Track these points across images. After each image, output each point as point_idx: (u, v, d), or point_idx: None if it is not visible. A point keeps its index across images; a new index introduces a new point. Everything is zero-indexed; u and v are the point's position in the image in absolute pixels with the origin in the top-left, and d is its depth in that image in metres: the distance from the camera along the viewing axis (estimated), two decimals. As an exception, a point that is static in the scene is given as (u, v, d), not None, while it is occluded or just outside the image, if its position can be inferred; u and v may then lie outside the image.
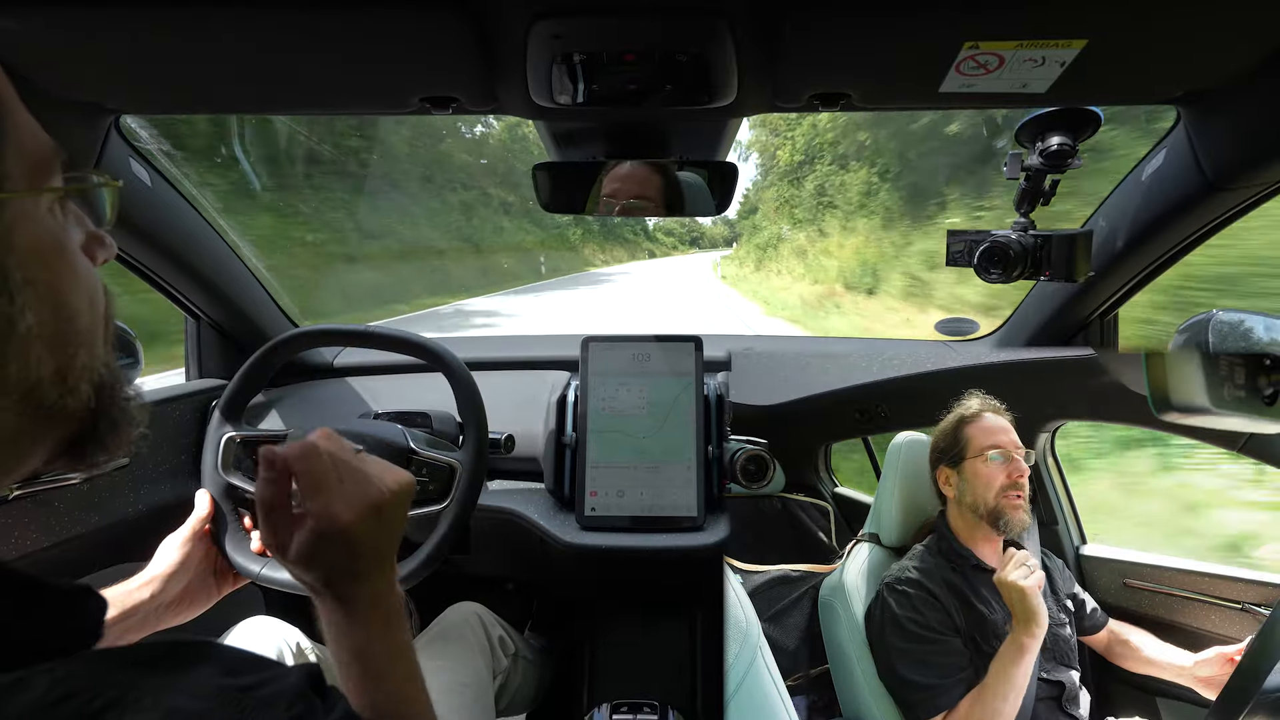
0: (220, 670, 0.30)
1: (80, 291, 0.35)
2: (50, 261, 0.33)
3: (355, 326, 0.95)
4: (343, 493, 0.51)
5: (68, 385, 0.34)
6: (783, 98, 0.78)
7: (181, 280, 1.13)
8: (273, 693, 0.31)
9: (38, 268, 0.32)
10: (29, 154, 0.33)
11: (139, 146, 0.96)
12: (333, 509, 0.50)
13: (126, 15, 0.62)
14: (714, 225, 54.95)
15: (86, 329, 0.35)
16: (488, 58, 0.70)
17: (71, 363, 0.34)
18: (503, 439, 1.02)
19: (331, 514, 0.49)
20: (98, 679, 0.27)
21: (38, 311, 0.32)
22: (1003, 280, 0.89)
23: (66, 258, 0.35)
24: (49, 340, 0.32)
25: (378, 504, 0.52)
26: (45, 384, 0.33)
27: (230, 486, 0.89)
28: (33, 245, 0.32)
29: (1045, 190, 0.87)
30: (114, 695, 0.26)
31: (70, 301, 0.34)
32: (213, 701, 0.29)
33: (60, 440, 0.36)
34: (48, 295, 0.32)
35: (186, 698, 0.28)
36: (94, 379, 0.36)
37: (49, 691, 0.26)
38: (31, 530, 0.87)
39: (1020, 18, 0.61)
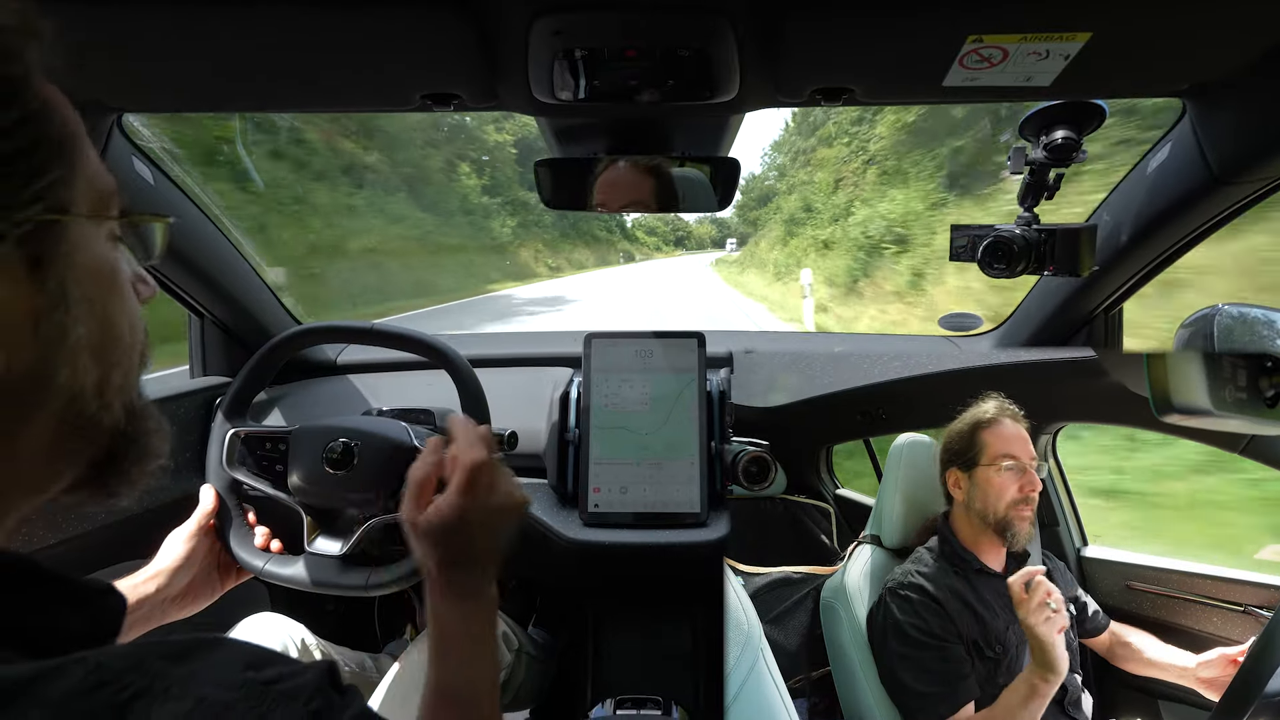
0: (244, 664, 0.32)
1: (124, 316, 0.39)
2: (103, 283, 0.37)
3: (359, 324, 0.95)
4: (486, 497, 0.58)
5: (104, 400, 0.37)
6: (785, 93, 0.78)
7: (185, 278, 1.13)
8: (294, 686, 0.32)
9: (93, 287, 0.36)
10: (94, 187, 0.37)
11: (141, 144, 0.96)
12: (472, 507, 0.57)
13: (128, 13, 0.62)
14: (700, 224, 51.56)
15: (127, 349, 0.39)
16: (489, 54, 0.70)
17: (110, 377, 0.37)
18: (505, 435, 1.02)
19: (470, 510, 0.57)
20: (129, 669, 0.28)
21: (88, 325, 0.35)
22: (1006, 275, 0.89)
23: (117, 283, 0.39)
24: (94, 352, 0.36)
25: (506, 514, 0.61)
26: (87, 394, 0.36)
27: (235, 482, 0.90)
28: (90, 266, 0.36)
29: (1049, 184, 0.87)
30: (144, 685, 0.28)
31: (117, 322, 0.38)
32: (238, 692, 0.30)
33: (88, 462, 0.38)
34: (99, 312, 0.36)
35: (213, 688, 0.29)
36: (126, 401, 0.39)
37: (84, 680, 0.27)
38: (38, 527, 0.87)
39: (1024, 11, 0.61)
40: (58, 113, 0.35)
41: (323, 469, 0.85)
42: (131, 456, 0.40)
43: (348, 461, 0.85)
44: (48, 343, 0.33)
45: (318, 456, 0.86)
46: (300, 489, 0.88)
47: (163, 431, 0.43)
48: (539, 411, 1.14)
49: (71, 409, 0.35)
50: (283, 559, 0.87)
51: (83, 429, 0.36)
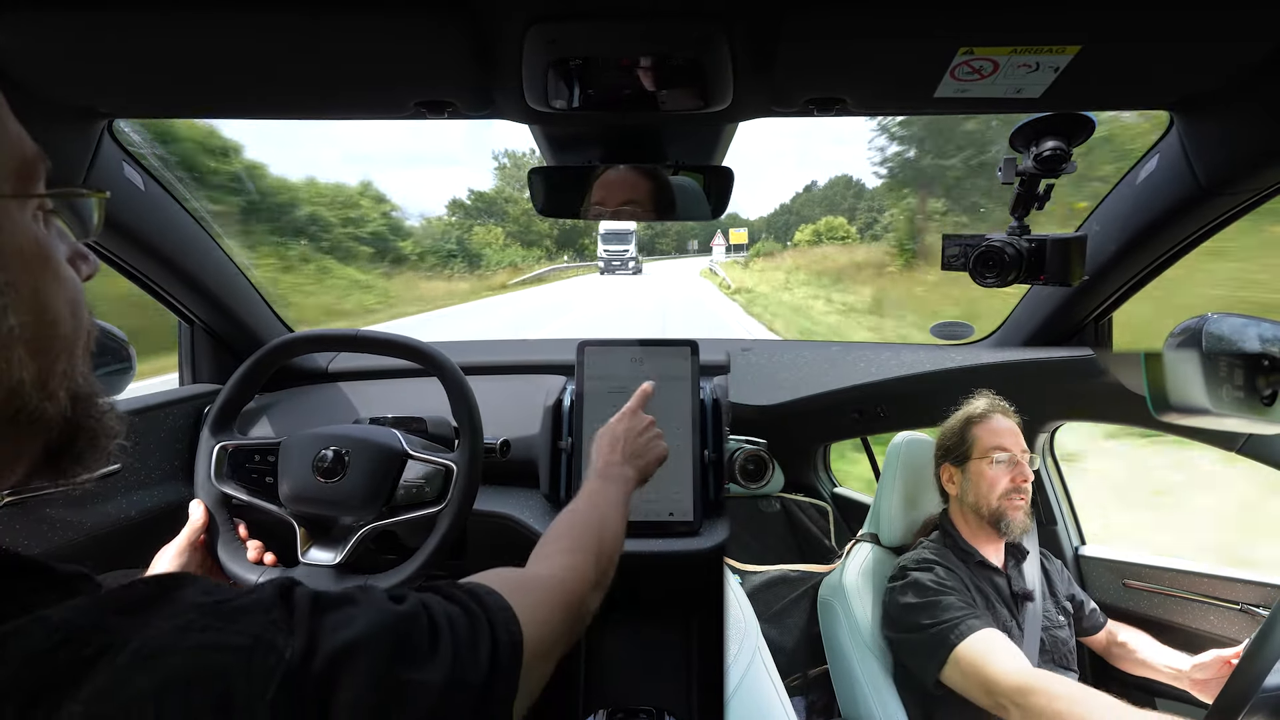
0: (199, 591, 0.33)
1: (62, 298, 0.35)
2: (34, 266, 0.34)
3: (349, 331, 0.95)
4: (638, 431, 0.86)
5: (47, 391, 0.34)
6: (779, 103, 0.78)
7: (174, 284, 1.13)
8: (251, 601, 0.33)
9: (21, 271, 0.33)
10: (14, 160, 0.34)
11: (132, 150, 0.96)
12: (627, 430, 0.84)
13: (120, 19, 0.61)
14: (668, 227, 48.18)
15: (68, 336, 0.36)
16: (484, 62, 0.70)
17: (52, 368, 0.35)
18: (498, 444, 1.02)
19: (625, 431, 0.84)
20: (90, 626, 0.28)
21: (20, 314, 0.32)
22: (998, 284, 0.89)
23: (50, 264, 0.35)
24: (31, 343, 0.33)
25: (648, 445, 0.86)
26: (26, 387, 0.33)
27: (224, 496, 0.88)
28: (16, 249, 0.33)
29: (1039, 194, 0.88)
30: (105, 641, 0.28)
31: (53, 307, 0.35)
32: (191, 615, 0.31)
33: (39, 452, 0.36)
34: (31, 299, 0.33)
35: (169, 620, 0.30)
36: (72, 388, 0.36)
37: (46, 638, 0.27)
38: (23, 537, 0.86)
39: (1015, 23, 0.62)
40: None
41: (313, 478, 0.85)
42: (83, 440, 0.38)
43: (339, 470, 0.85)
44: None
45: (308, 466, 0.85)
46: (291, 499, 0.87)
47: (114, 411, 0.40)
48: (531, 420, 1.13)
49: (11, 404, 0.32)
50: (276, 572, 0.86)
51: (26, 423, 0.34)
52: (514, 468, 1.09)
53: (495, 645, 0.42)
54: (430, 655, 0.37)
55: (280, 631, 0.32)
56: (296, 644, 0.32)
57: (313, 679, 0.32)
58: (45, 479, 0.38)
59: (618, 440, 0.82)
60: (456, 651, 0.39)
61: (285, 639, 0.32)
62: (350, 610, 0.36)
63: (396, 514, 0.86)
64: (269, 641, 0.31)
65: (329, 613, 0.35)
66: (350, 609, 0.36)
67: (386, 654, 0.35)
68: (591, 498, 0.73)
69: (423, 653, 0.37)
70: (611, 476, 0.77)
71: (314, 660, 0.32)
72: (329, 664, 0.32)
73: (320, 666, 0.32)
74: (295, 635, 0.33)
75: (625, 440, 0.82)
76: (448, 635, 0.39)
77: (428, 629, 0.39)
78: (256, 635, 0.31)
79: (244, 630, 0.31)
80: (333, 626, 0.34)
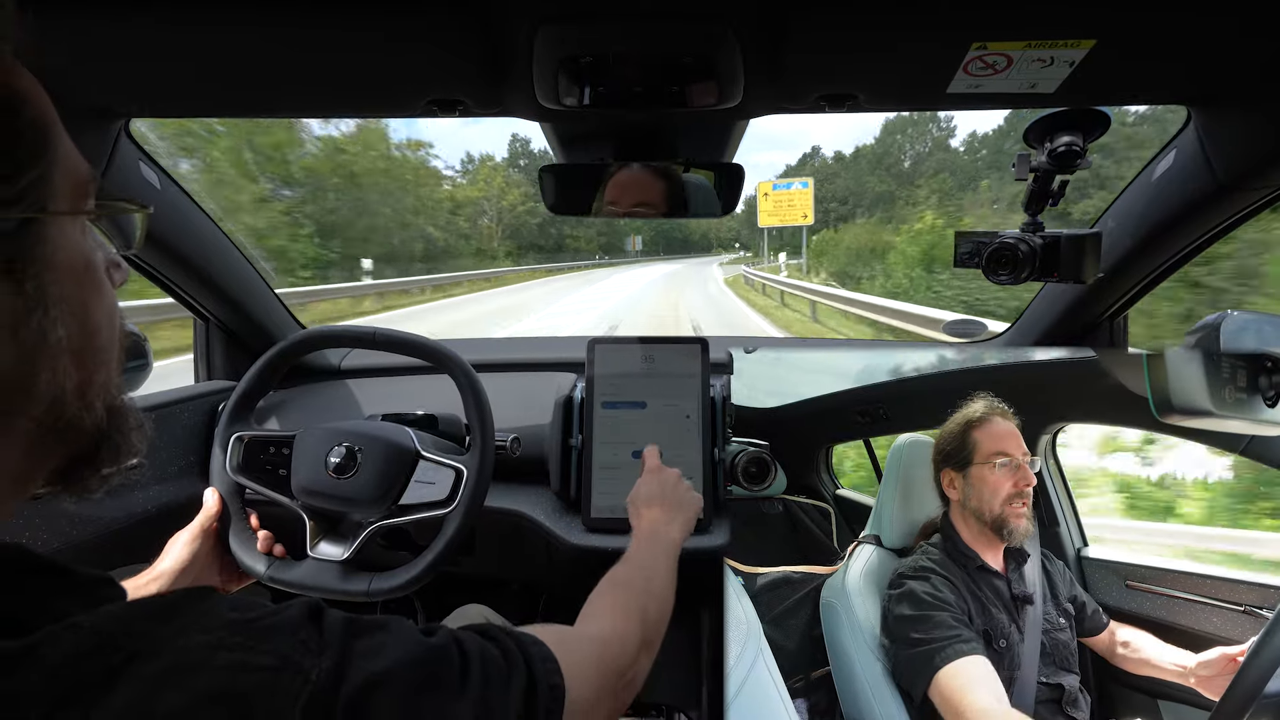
0: (228, 606, 0.33)
1: (103, 309, 0.37)
2: (81, 279, 0.35)
3: (363, 328, 0.95)
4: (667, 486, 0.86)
5: (86, 401, 0.35)
6: (790, 99, 0.78)
7: (190, 282, 1.14)
8: (281, 620, 0.33)
9: (71, 285, 0.34)
10: (71, 178, 0.35)
11: (148, 149, 0.97)
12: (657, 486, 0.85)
13: (135, 19, 0.62)
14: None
15: (106, 346, 0.37)
16: (494, 61, 0.70)
17: (92, 378, 0.36)
18: (508, 441, 1.02)
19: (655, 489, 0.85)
20: (121, 632, 0.29)
21: (68, 326, 0.33)
22: (1011, 282, 0.88)
23: (94, 276, 0.36)
24: (75, 354, 0.34)
25: (682, 499, 0.85)
26: (68, 397, 0.34)
27: (238, 486, 0.90)
28: (69, 264, 0.34)
29: (1054, 191, 0.87)
30: (135, 647, 0.28)
31: (94, 317, 0.36)
32: (223, 632, 0.31)
33: (62, 461, 0.37)
34: (77, 311, 0.34)
35: (199, 634, 0.30)
36: (108, 399, 0.38)
37: (79, 644, 0.28)
38: (42, 531, 0.87)
39: (1028, 18, 0.61)
40: (33, 104, 0.33)
41: (325, 473, 0.85)
42: (108, 455, 0.39)
43: (350, 466, 0.85)
44: (27, 347, 0.32)
45: (320, 461, 0.86)
46: (303, 493, 0.88)
47: (142, 429, 0.41)
48: (542, 417, 1.13)
49: (52, 412, 0.34)
50: (285, 563, 0.87)
51: (63, 430, 0.35)
52: (524, 465, 1.10)
53: (533, 690, 0.41)
54: (460, 689, 0.37)
55: (309, 653, 0.32)
56: (325, 666, 0.32)
57: (340, 706, 0.32)
58: (60, 486, 0.38)
59: (654, 499, 0.83)
60: (486, 688, 0.38)
61: (313, 661, 0.32)
62: (382, 637, 0.36)
63: (405, 513, 0.87)
64: (296, 663, 0.31)
65: (361, 638, 0.35)
66: (382, 636, 0.36)
67: (416, 685, 0.35)
68: (639, 558, 0.74)
69: (452, 687, 0.37)
70: (659, 537, 0.78)
71: (342, 686, 0.32)
72: (358, 692, 0.32)
73: (349, 693, 0.32)
74: (324, 658, 0.33)
75: (663, 497, 0.83)
76: (478, 671, 0.39)
77: (459, 663, 0.39)
78: (285, 656, 0.31)
79: (272, 650, 0.31)
80: (363, 653, 0.34)
